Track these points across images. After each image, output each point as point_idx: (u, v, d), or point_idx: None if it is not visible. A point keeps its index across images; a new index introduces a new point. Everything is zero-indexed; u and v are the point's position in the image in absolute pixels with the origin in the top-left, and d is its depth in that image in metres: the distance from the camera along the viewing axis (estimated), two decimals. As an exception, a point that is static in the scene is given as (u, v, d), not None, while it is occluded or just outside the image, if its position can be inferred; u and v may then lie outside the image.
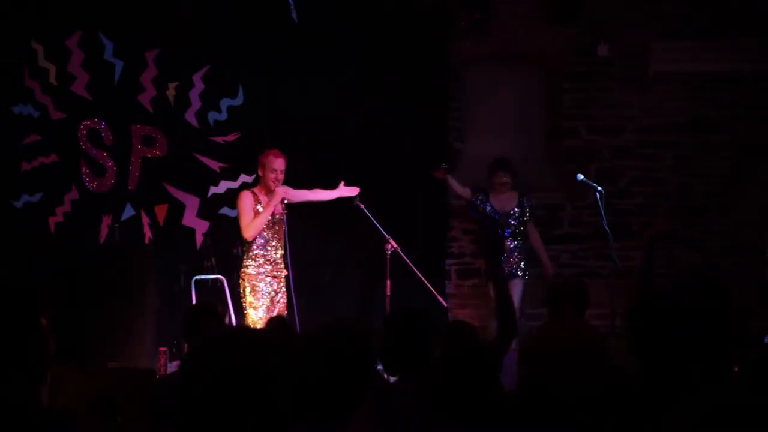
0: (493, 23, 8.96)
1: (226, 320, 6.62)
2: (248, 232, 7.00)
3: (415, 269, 7.58)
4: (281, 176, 7.05)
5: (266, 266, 7.10)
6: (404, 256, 7.55)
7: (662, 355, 2.87)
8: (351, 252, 8.62)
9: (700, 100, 9.11)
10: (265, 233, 7.08)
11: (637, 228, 9.11)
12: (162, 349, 7.45)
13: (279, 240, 7.15)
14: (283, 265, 7.19)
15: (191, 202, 8.33)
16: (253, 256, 7.08)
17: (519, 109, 9.38)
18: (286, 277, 7.22)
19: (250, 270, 7.08)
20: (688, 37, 8.97)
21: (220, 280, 7.88)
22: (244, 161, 8.24)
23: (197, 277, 7.85)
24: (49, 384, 2.43)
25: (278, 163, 7.01)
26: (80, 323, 7.32)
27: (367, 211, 7.50)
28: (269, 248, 7.12)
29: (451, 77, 9.05)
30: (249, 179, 8.23)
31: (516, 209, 8.34)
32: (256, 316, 7.01)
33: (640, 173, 9.17)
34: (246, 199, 7.05)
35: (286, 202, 7.13)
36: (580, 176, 7.98)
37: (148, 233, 8.30)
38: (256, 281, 7.06)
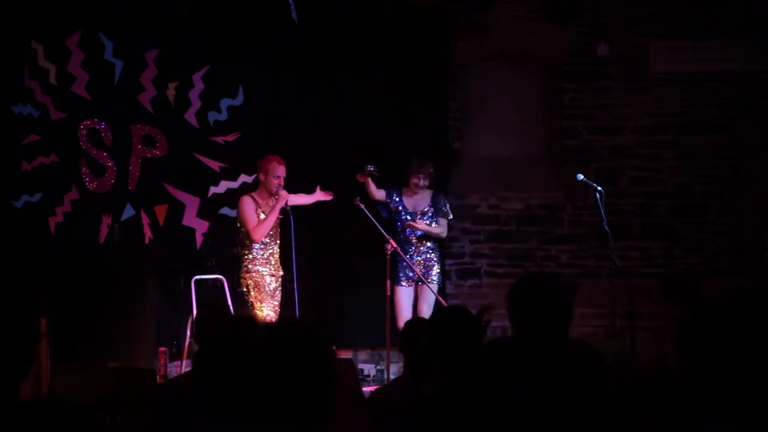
0: (493, 23, 8.96)
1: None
2: (257, 235, 7.21)
3: (415, 269, 7.58)
4: (282, 182, 7.29)
5: (266, 266, 7.29)
6: (404, 256, 7.56)
7: (716, 356, 2.86)
8: (351, 252, 8.61)
9: (700, 100, 9.11)
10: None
11: (638, 228, 9.12)
12: (162, 349, 7.46)
13: (277, 241, 7.35)
14: (279, 266, 7.36)
15: (191, 202, 8.33)
16: (254, 257, 7.27)
17: (519, 109, 9.38)
18: (283, 277, 7.41)
19: (251, 269, 7.25)
20: (688, 37, 8.97)
21: (220, 280, 7.88)
22: (244, 161, 8.24)
23: (197, 277, 7.85)
24: (49, 383, 2.43)
25: (281, 170, 7.27)
26: (80, 323, 7.32)
27: (367, 211, 7.50)
28: (268, 249, 7.32)
29: (450, 77, 9.05)
30: (249, 179, 8.24)
31: (429, 207, 7.88)
32: (263, 312, 7.16)
33: (640, 173, 9.17)
34: (248, 204, 7.28)
35: (289, 207, 7.29)
36: (580, 176, 7.96)
37: (148, 233, 8.30)
38: (259, 279, 7.25)
